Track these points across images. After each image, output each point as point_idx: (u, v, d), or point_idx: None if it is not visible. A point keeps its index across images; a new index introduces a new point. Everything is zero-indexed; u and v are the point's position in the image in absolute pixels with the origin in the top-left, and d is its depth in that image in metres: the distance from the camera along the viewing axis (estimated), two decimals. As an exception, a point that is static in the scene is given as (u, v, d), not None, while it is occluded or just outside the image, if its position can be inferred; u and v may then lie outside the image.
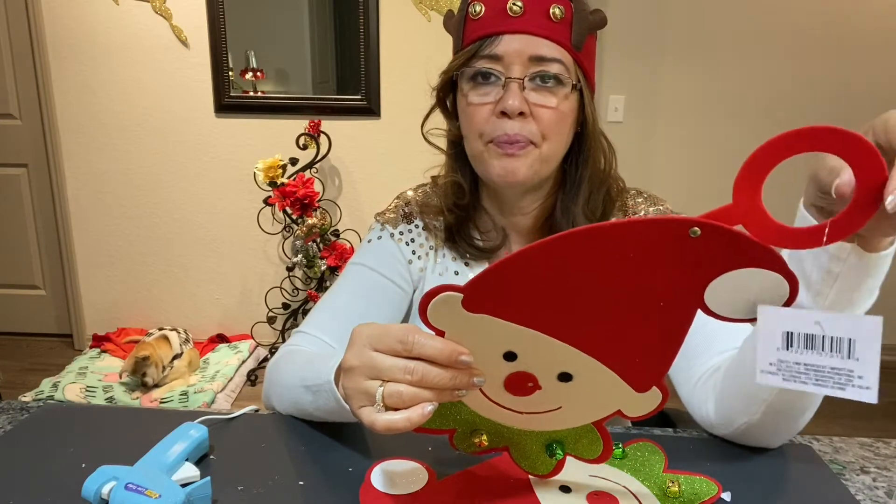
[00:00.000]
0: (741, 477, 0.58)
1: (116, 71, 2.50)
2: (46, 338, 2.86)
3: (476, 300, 0.42)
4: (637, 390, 0.45)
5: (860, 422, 2.30)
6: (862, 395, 0.40)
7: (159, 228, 2.67)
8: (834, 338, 0.40)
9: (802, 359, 0.41)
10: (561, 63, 0.69)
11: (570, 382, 0.45)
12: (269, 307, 2.55)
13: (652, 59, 2.57)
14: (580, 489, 0.54)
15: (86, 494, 0.50)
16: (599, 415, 0.48)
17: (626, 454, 0.60)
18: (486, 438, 0.50)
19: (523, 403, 0.47)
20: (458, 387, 0.44)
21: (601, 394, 0.46)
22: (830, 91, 2.54)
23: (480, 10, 0.70)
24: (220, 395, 2.29)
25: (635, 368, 0.44)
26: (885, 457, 0.64)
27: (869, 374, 0.40)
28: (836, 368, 0.40)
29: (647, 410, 0.46)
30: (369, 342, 0.46)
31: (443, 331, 0.44)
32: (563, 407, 0.47)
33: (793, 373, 0.41)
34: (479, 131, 0.71)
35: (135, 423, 0.67)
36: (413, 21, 2.42)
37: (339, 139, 2.48)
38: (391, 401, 0.44)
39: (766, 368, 0.42)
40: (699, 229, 0.37)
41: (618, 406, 0.46)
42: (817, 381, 0.41)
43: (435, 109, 0.79)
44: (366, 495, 0.53)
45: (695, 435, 0.66)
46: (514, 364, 0.45)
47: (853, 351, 0.40)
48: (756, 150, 0.37)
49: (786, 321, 0.41)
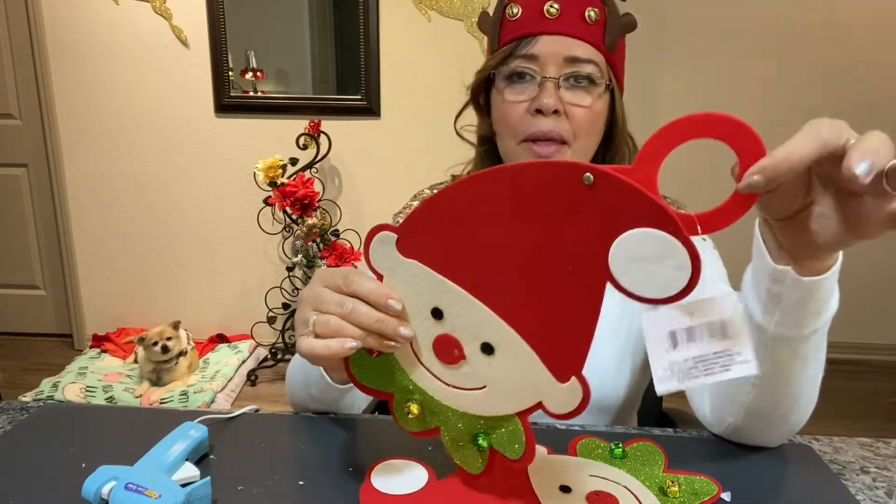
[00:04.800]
0: (741, 477, 0.58)
1: (116, 71, 2.50)
2: (46, 338, 2.86)
3: (407, 243, 0.46)
4: (557, 378, 0.44)
5: (860, 422, 2.31)
6: (744, 370, 0.41)
7: (159, 228, 2.67)
8: (708, 323, 0.41)
9: (689, 354, 0.42)
10: (595, 64, 0.71)
11: (493, 357, 0.46)
12: (269, 307, 2.55)
13: (652, 59, 2.57)
14: (580, 489, 0.54)
15: (86, 494, 0.50)
16: (522, 403, 0.47)
17: (626, 454, 0.60)
18: (415, 408, 0.51)
19: (451, 375, 0.49)
20: (383, 331, 0.47)
21: (522, 374, 0.46)
22: (830, 90, 2.54)
23: (518, 12, 0.72)
24: (220, 395, 2.29)
25: (553, 347, 0.44)
26: (885, 457, 0.64)
27: (744, 348, 0.41)
28: (717, 352, 0.41)
29: (569, 408, 0.44)
30: (321, 278, 0.51)
31: (381, 275, 0.48)
32: (488, 387, 0.48)
33: (685, 371, 0.42)
34: (513, 129, 0.73)
35: (135, 423, 0.67)
36: (413, 21, 2.42)
37: (339, 139, 2.48)
38: (320, 329, 0.48)
39: (661, 375, 0.42)
40: (592, 176, 0.38)
41: (540, 394, 0.46)
42: (706, 370, 0.42)
43: (468, 106, 0.82)
44: (366, 495, 0.53)
45: (695, 435, 0.66)
46: (441, 324, 0.47)
47: (726, 330, 0.41)
48: (651, 137, 0.38)
49: (668, 321, 0.42)
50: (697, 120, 0.38)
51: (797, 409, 0.58)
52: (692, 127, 0.38)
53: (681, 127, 0.38)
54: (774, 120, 2.64)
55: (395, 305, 0.47)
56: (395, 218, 0.86)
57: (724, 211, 0.39)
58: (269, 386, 2.49)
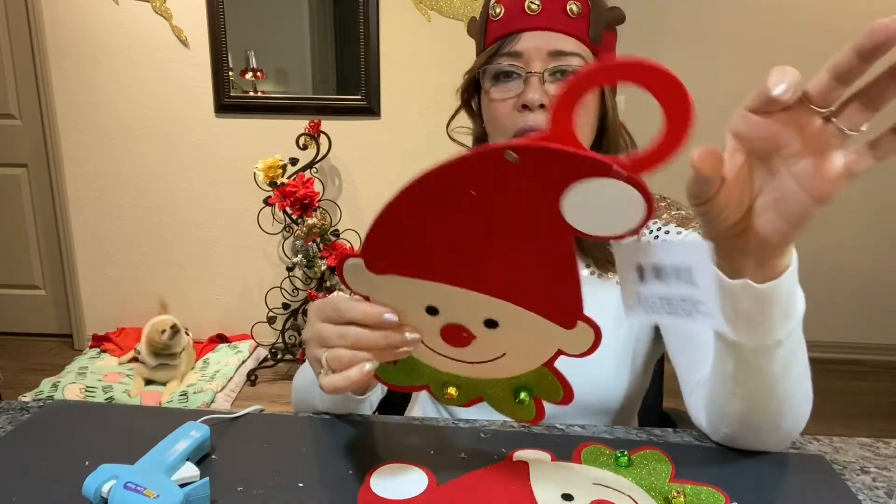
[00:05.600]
0: (749, 487, 0.56)
1: (116, 71, 2.50)
2: (46, 338, 2.86)
3: (374, 261, 0.46)
4: (564, 326, 0.46)
5: (860, 422, 2.31)
6: (707, 322, 0.41)
7: (159, 228, 2.67)
8: (675, 266, 0.41)
9: (655, 291, 0.42)
10: (580, 57, 0.71)
11: (499, 329, 0.47)
12: (269, 307, 2.55)
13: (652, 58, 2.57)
14: (582, 497, 0.53)
15: (86, 493, 0.50)
16: (544, 355, 0.49)
17: (631, 462, 0.59)
18: (453, 391, 0.53)
19: (469, 354, 0.50)
20: (393, 344, 0.48)
21: (533, 334, 0.47)
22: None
23: (500, 11, 0.73)
24: (220, 395, 2.29)
25: (547, 303, 0.45)
26: (885, 457, 0.63)
27: (709, 300, 0.41)
28: (683, 297, 0.41)
29: (585, 346, 0.47)
30: (316, 314, 0.53)
31: (366, 295, 0.49)
32: (507, 353, 0.49)
33: (650, 305, 0.43)
34: (501, 126, 0.73)
35: (139, 422, 0.67)
36: (413, 21, 2.42)
37: (339, 139, 2.48)
38: (334, 364, 0.49)
39: (629, 303, 0.44)
40: (514, 153, 0.38)
41: (556, 344, 0.47)
42: (670, 310, 0.42)
43: (461, 110, 0.82)
44: (365, 499, 0.53)
45: (703, 443, 0.65)
46: (441, 317, 0.48)
47: (693, 277, 0.41)
48: (574, 78, 0.37)
49: (636, 254, 0.42)
50: (615, 67, 0.38)
51: (787, 414, 0.57)
52: (607, 73, 0.39)
53: (593, 72, 0.37)
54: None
55: (392, 318, 0.48)
56: None
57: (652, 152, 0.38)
58: (269, 386, 2.49)
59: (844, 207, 2.63)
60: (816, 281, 2.68)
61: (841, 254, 2.70)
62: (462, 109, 0.82)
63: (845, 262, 2.72)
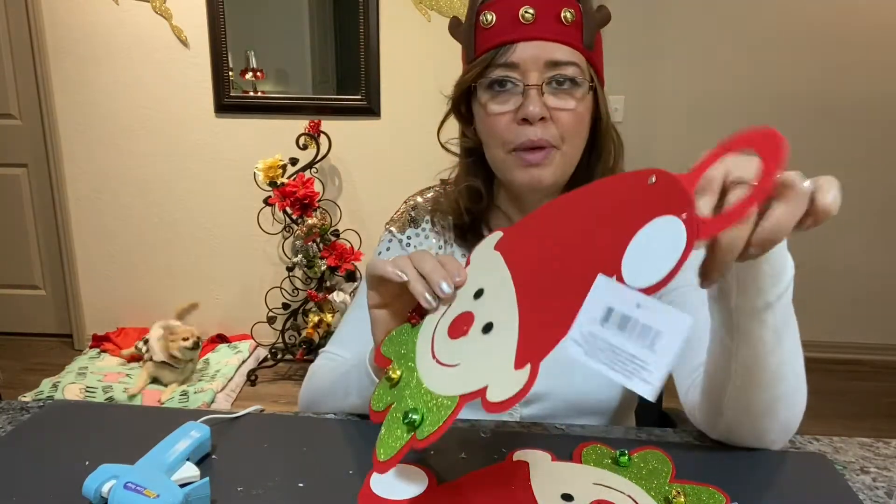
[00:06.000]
0: (751, 487, 0.56)
1: (116, 71, 2.50)
2: (46, 338, 2.86)
3: (504, 240, 0.55)
4: (516, 363, 0.44)
5: (860, 422, 2.31)
6: (641, 389, 0.40)
7: (159, 228, 2.67)
8: (645, 325, 0.41)
9: (609, 338, 0.42)
10: (576, 65, 0.70)
11: (486, 335, 0.49)
12: (269, 307, 2.55)
13: (652, 59, 2.57)
14: (582, 497, 0.53)
15: (86, 493, 0.50)
16: (470, 386, 0.46)
17: (632, 462, 0.58)
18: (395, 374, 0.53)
19: (442, 346, 0.51)
20: (430, 277, 0.54)
21: (489, 356, 0.47)
22: (831, 89, 2.54)
23: (492, 20, 0.70)
24: (220, 395, 2.29)
25: (534, 333, 0.46)
26: (885, 457, 0.63)
27: (658, 369, 0.40)
28: (633, 356, 0.41)
29: (504, 396, 0.43)
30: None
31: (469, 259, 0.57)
32: (459, 366, 0.48)
33: (595, 349, 0.42)
34: (501, 139, 0.72)
35: (139, 422, 0.67)
36: (413, 21, 2.42)
37: (339, 139, 2.48)
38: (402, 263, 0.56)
39: (575, 338, 0.43)
40: (655, 177, 0.44)
41: (486, 381, 0.45)
42: (609, 362, 0.42)
43: (449, 116, 0.80)
44: (364, 499, 0.53)
45: (703, 443, 0.65)
46: (476, 303, 0.52)
47: (655, 343, 0.40)
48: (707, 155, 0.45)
49: (613, 296, 0.42)
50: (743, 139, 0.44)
51: (783, 396, 0.57)
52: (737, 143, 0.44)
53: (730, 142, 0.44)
54: (780, 120, 2.64)
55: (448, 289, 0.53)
56: (388, 227, 0.85)
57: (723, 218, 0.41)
58: (269, 386, 2.49)
59: (845, 208, 2.61)
60: (817, 281, 2.69)
61: (841, 254, 2.70)
62: (452, 117, 0.80)
63: (845, 262, 2.72)
